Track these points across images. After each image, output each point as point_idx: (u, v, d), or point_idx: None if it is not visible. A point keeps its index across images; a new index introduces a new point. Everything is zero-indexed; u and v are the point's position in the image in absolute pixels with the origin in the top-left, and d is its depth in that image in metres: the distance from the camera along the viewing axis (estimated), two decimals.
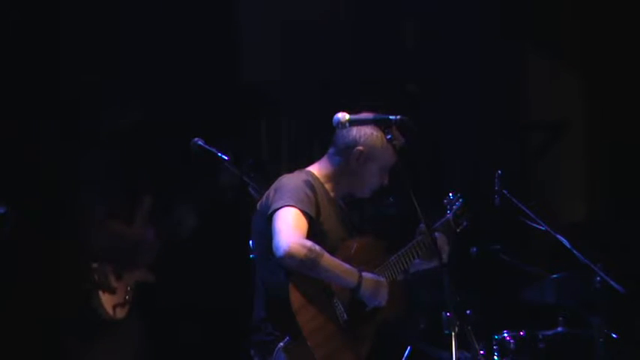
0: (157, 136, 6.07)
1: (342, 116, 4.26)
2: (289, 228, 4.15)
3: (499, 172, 5.50)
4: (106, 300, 5.65)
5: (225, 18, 6.57)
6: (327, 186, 4.44)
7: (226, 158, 4.86)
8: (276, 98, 6.91)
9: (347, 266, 4.24)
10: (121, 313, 5.69)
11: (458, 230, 4.81)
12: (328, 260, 4.16)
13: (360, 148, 4.42)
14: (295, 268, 4.13)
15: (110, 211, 5.75)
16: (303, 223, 4.20)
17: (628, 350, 5.87)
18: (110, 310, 5.65)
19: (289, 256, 4.08)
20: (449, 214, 4.77)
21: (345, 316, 4.26)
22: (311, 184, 4.34)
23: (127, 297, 5.70)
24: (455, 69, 7.04)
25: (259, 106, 6.88)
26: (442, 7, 6.98)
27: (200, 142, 5.04)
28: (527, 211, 5.53)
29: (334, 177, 4.46)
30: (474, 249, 6.03)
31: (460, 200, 4.83)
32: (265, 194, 4.35)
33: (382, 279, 4.35)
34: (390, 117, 4.13)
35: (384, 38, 7.15)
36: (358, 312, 4.30)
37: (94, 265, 5.64)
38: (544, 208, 5.67)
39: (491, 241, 6.09)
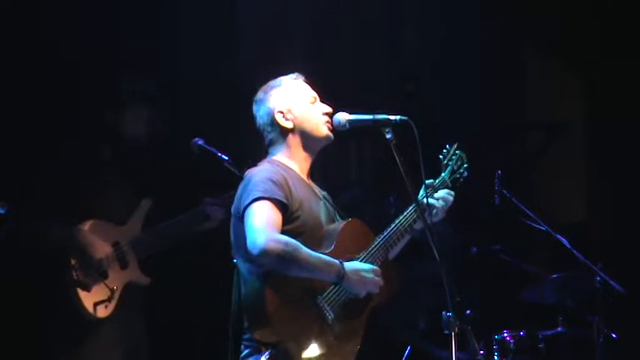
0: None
1: (342, 116, 4.25)
2: (261, 223, 3.95)
3: (499, 172, 5.50)
4: (85, 297, 5.52)
5: (225, 17, 6.57)
6: (295, 168, 4.26)
7: (226, 158, 4.85)
8: None
9: (327, 258, 4.03)
10: (103, 312, 5.51)
11: (457, 185, 4.56)
12: (305, 254, 3.95)
13: (278, 109, 4.26)
14: (272, 266, 3.92)
15: (106, 211, 5.68)
16: (275, 215, 4.01)
17: (628, 350, 5.88)
18: (90, 308, 5.50)
19: (265, 253, 3.89)
20: (444, 175, 4.54)
21: (332, 314, 4.05)
22: (277, 169, 4.16)
23: (111, 296, 5.54)
24: (455, 69, 7.04)
25: None
26: (442, 7, 6.97)
27: (200, 142, 5.03)
28: (528, 211, 5.54)
29: (293, 156, 4.27)
30: (474, 249, 6.04)
31: (457, 153, 4.61)
32: (236, 195, 4.17)
33: (369, 265, 4.13)
34: (390, 117, 4.09)
35: (384, 38, 7.15)
36: (348, 305, 4.11)
37: (73, 261, 5.51)
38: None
39: (491, 241, 6.10)
